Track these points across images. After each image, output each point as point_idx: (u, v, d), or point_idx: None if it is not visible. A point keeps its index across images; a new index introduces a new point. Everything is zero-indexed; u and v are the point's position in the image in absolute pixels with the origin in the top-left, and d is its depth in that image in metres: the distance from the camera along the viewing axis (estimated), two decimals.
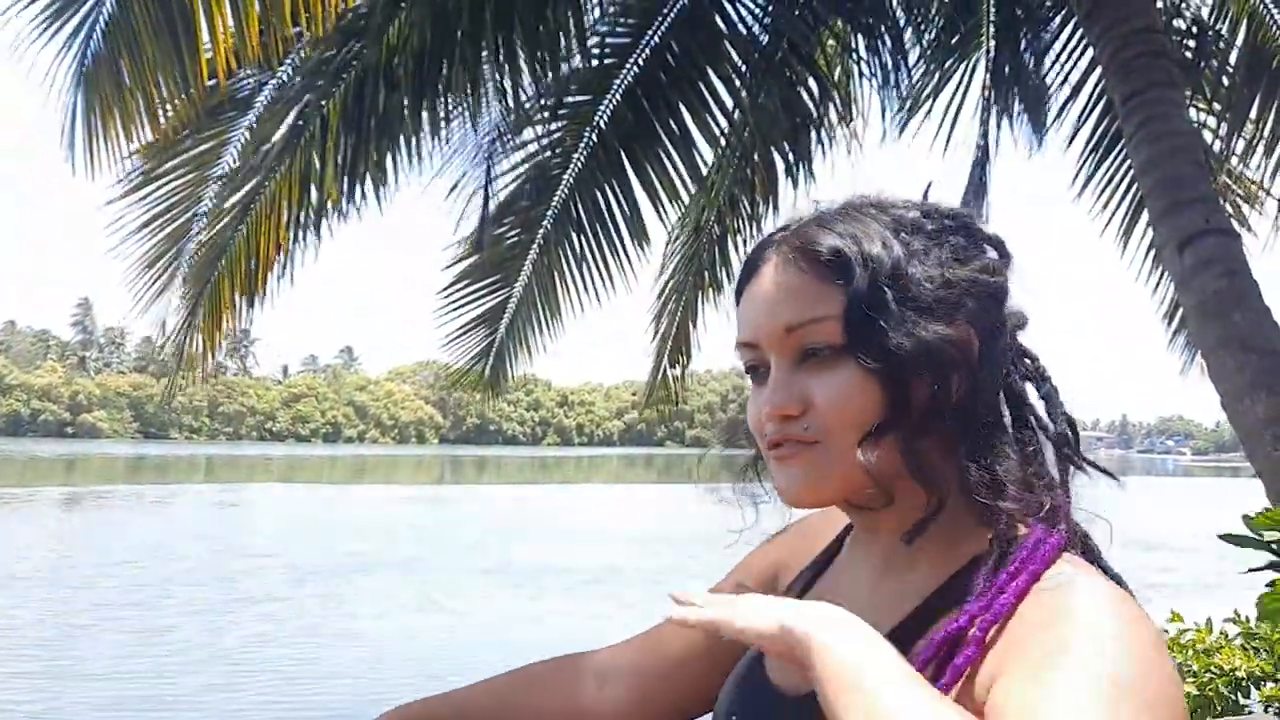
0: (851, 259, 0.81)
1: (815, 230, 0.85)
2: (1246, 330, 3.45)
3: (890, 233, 0.83)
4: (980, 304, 0.83)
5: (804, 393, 0.82)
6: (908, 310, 0.80)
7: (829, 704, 0.66)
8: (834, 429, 0.81)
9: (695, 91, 6.52)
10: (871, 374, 0.80)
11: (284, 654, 9.29)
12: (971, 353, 0.82)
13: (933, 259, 0.83)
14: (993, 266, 0.86)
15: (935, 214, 0.87)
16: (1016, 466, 0.81)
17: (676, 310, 7.39)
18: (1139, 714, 0.61)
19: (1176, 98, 4.12)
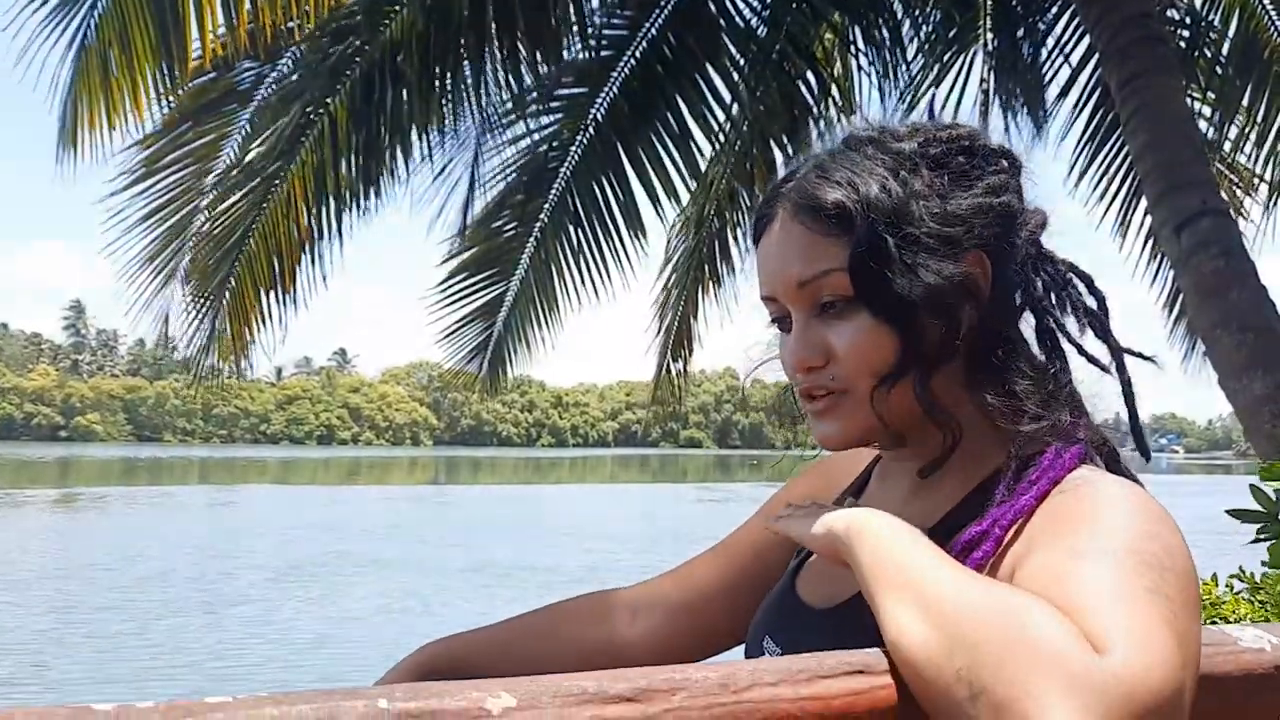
0: (852, 210, 0.82)
1: (816, 182, 0.86)
2: (1244, 309, 3.49)
3: (889, 173, 0.84)
4: (990, 226, 0.84)
5: (824, 344, 0.85)
6: (911, 254, 0.82)
7: (870, 590, 0.68)
8: (856, 377, 0.84)
9: (693, 84, 6.53)
10: (883, 321, 0.82)
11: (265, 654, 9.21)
12: (983, 281, 0.84)
13: (936, 192, 0.84)
14: (999, 184, 0.86)
15: (936, 139, 0.86)
16: (1034, 385, 0.83)
17: (678, 305, 7.38)
18: (1159, 577, 0.63)
19: (1173, 82, 4.15)
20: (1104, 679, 0.54)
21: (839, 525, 0.76)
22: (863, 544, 0.72)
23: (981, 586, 0.62)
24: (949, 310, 0.82)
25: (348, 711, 0.47)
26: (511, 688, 0.51)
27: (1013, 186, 0.87)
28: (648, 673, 0.55)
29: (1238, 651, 0.77)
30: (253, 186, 5.38)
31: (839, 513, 0.78)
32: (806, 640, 0.87)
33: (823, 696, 0.58)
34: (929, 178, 0.85)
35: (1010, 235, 0.86)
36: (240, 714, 0.45)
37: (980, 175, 0.86)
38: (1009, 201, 0.86)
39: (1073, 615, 0.59)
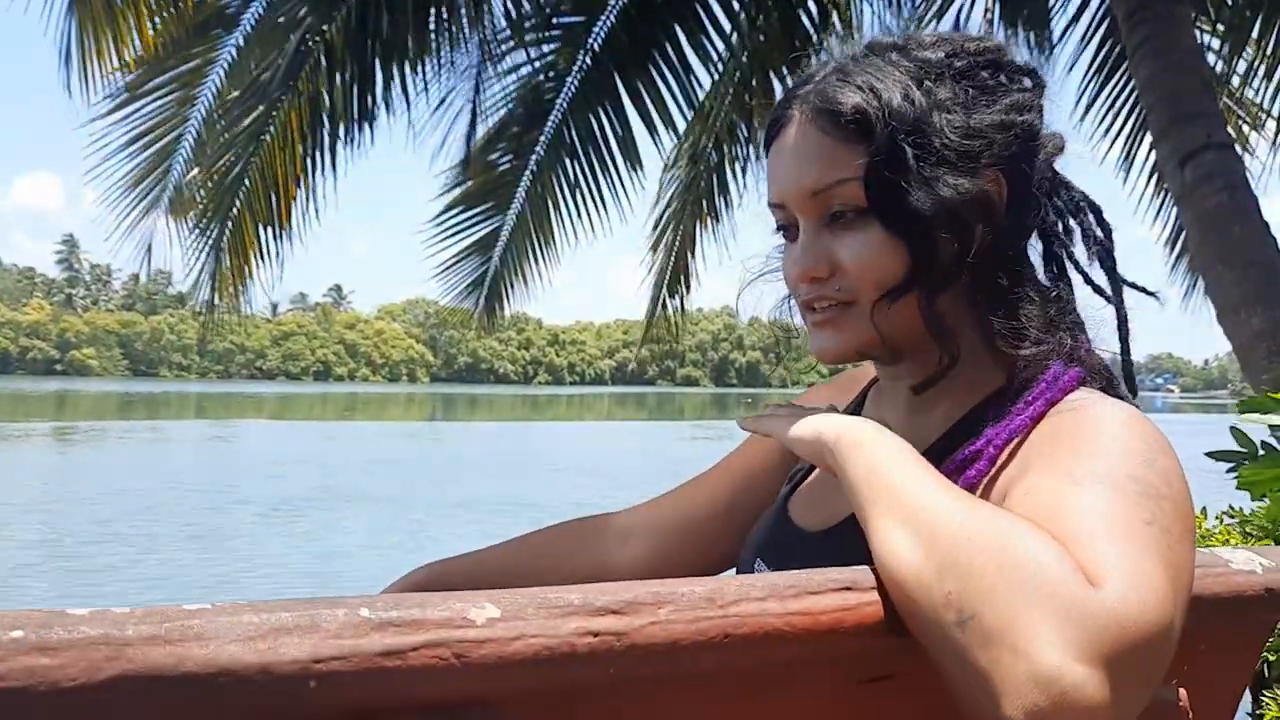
0: (872, 117, 0.80)
1: (836, 86, 0.82)
2: (1245, 244, 3.46)
3: (913, 81, 0.81)
4: (1009, 145, 0.81)
5: (831, 254, 0.83)
6: (929, 166, 0.79)
7: (860, 507, 0.68)
8: (863, 289, 0.82)
9: (692, 13, 6.40)
10: (895, 234, 0.80)
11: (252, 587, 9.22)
12: (998, 200, 0.82)
13: (959, 104, 0.81)
14: (1023, 102, 0.83)
15: (963, 51, 0.83)
16: (1039, 310, 0.82)
17: (674, 241, 7.31)
18: (1156, 507, 0.62)
19: (1181, 13, 4.07)
20: (1097, 613, 0.53)
21: (829, 433, 0.75)
22: (855, 458, 0.71)
23: (976, 509, 0.61)
24: (962, 227, 0.80)
25: (329, 619, 0.46)
26: (496, 599, 0.51)
27: (1036, 106, 0.84)
28: (634, 586, 0.54)
29: (1229, 573, 0.77)
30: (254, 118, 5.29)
31: (830, 418, 0.77)
32: (797, 563, 0.86)
33: (810, 612, 0.57)
34: (953, 89, 0.82)
35: (1029, 156, 0.83)
36: (219, 620, 0.44)
37: (1005, 92, 0.83)
38: (1031, 121, 0.83)
39: (1069, 545, 0.58)
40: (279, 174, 5.49)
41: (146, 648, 0.42)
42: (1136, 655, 0.53)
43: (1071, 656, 0.52)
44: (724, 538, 1.07)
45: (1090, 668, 0.52)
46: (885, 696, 0.63)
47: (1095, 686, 0.51)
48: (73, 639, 0.41)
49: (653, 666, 0.53)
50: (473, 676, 0.48)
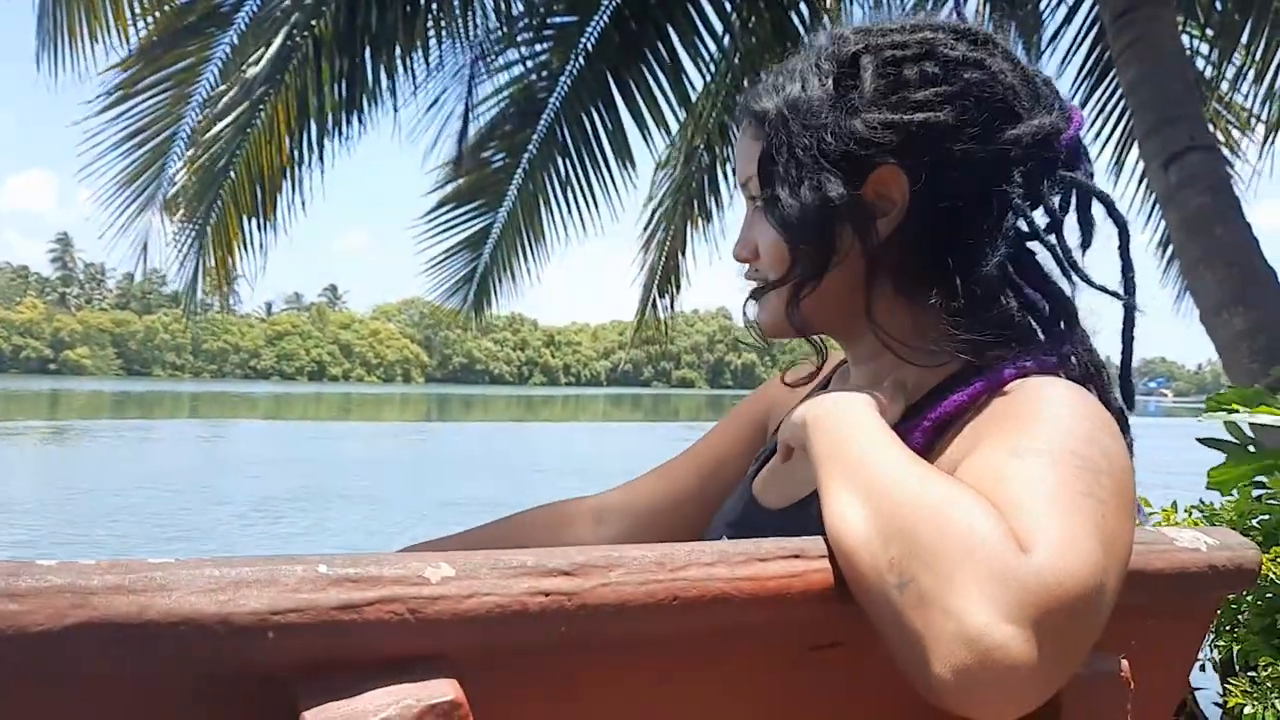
0: (770, 117, 0.86)
1: (759, 90, 0.89)
2: (1227, 245, 3.50)
3: (819, 78, 0.84)
4: (907, 142, 0.81)
5: (753, 239, 0.90)
6: (800, 168, 0.83)
7: (821, 477, 0.70)
8: (769, 273, 0.89)
9: (684, 13, 6.43)
10: (775, 228, 0.86)
11: None
12: (896, 196, 0.83)
13: (854, 103, 0.82)
14: (931, 99, 0.82)
15: (896, 44, 0.84)
16: (956, 304, 0.82)
17: (665, 240, 7.34)
18: (1094, 480, 0.64)
19: (1167, 16, 4.11)
20: (1024, 576, 0.55)
21: (809, 414, 0.78)
22: (820, 433, 0.74)
23: (926, 478, 0.63)
24: (821, 229, 0.83)
25: (288, 574, 0.48)
26: (451, 559, 0.53)
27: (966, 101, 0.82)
28: (586, 550, 0.56)
29: (1174, 550, 0.79)
30: (239, 112, 5.31)
31: (812, 403, 0.80)
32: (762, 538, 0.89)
33: (758, 578, 0.60)
34: (866, 84, 0.83)
35: (939, 152, 0.82)
36: (181, 573, 0.46)
37: (914, 88, 0.83)
38: (931, 118, 0.81)
39: (1006, 513, 0.60)
40: (264, 167, 5.52)
41: (111, 596, 0.44)
42: (1063, 617, 0.55)
43: (999, 617, 0.54)
44: (695, 519, 1.10)
45: (1016, 627, 0.53)
46: (833, 664, 0.65)
47: (1020, 645, 0.53)
48: (39, 587, 0.44)
49: (603, 626, 0.55)
50: (427, 632, 0.50)
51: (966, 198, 0.82)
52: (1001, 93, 0.84)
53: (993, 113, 0.83)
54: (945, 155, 0.82)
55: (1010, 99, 0.84)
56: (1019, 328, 0.84)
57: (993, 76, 0.84)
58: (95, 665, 0.44)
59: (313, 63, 5.23)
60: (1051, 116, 0.85)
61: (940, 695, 0.55)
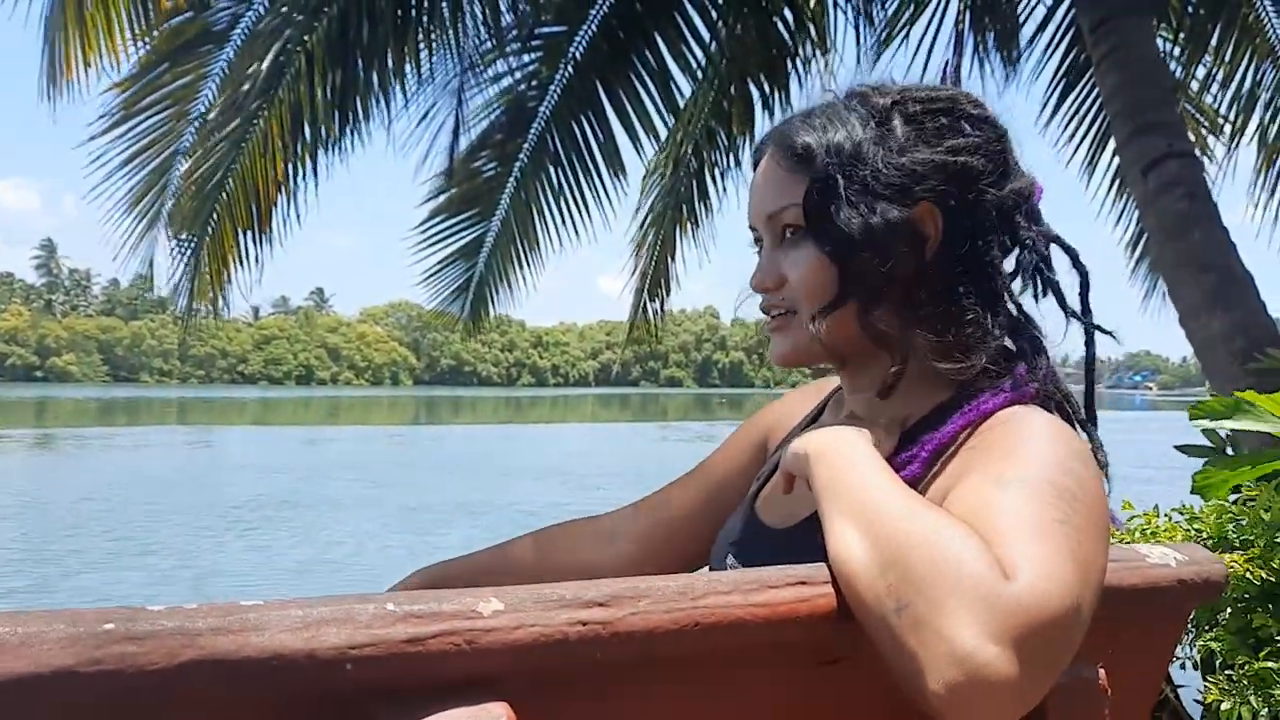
0: (816, 151, 0.92)
1: (795, 126, 0.95)
2: (1205, 249, 3.59)
3: (860, 122, 0.93)
4: (946, 183, 0.91)
5: (779, 269, 0.96)
6: (861, 194, 0.90)
7: (823, 507, 0.77)
8: (802, 301, 0.94)
9: (671, 22, 6.50)
10: (826, 253, 0.92)
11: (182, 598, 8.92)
12: (932, 231, 0.92)
13: (898, 144, 0.92)
14: (964, 146, 0.92)
15: (916, 99, 0.94)
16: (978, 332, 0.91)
17: (655, 244, 7.42)
18: (1069, 508, 0.72)
19: (1144, 25, 4.20)
20: (1008, 601, 0.62)
21: (804, 446, 0.85)
22: (821, 465, 0.81)
23: (918, 510, 0.70)
24: (884, 250, 0.90)
25: (361, 612, 0.55)
26: (500, 594, 0.60)
27: (985, 151, 0.93)
28: (617, 583, 0.63)
29: (1144, 567, 0.87)
30: (232, 127, 5.35)
31: (813, 435, 0.87)
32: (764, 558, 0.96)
33: (770, 604, 0.67)
34: (899, 130, 0.92)
35: (968, 194, 0.92)
36: (271, 614, 0.53)
37: (948, 136, 0.93)
38: (968, 162, 0.92)
39: (991, 541, 0.67)
40: (259, 180, 5.56)
41: (214, 637, 0.51)
42: (1042, 637, 0.62)
43: (985, 638, 0.61)
44: (701, 537, 1.17)
45: (1000, 647, 0.61)
46: (837, 677, 0.73)
47: (1005, 663, 0.61)
48: (154, 630, 0.50)
49: (633, 650, 0.62)
50: (481, 659, 0.57)
51: (986, 237, 0.93)
52: (1003, 150, 0.95)
53: (1000, 166, 0.94)
54: (973, 197, 0.92)
55: (1008, 157, 0.95)
56: (1003, 359, 0.92)
57: (1000, 135, 0.95)
58: (202, 696, 0.51)
59: (305, 77, 5.27)
60: (1029, 178, 0.96)
61: (935, 708, 0.62)
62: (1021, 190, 0.94)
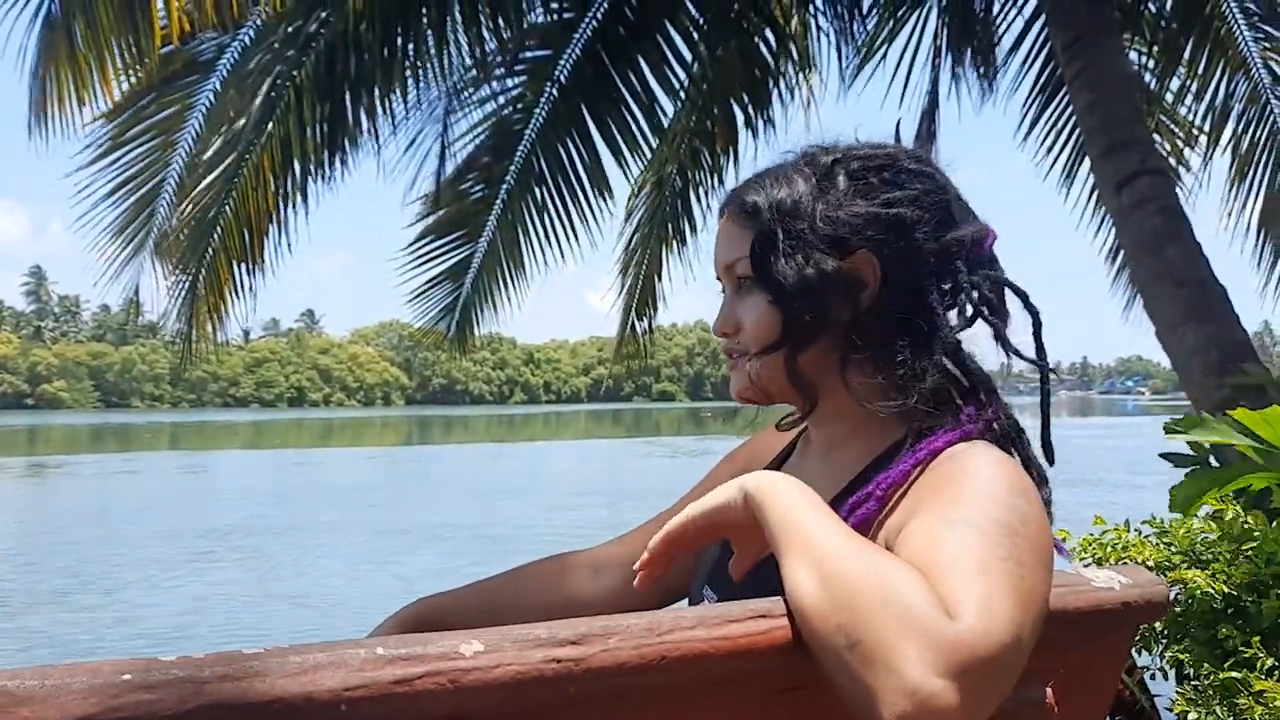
0: (761, 208, 1.01)
1: (747, 186, 1.05)
2: (1179, 264, 3.67)
3: (803, 179, 1.01)
4: (881, 234, 0.98)
5: (736, 316, 1.05)
6: (797, 246, 0.98)
7: (775, 548, 0.83)
8: (751, 344, 1.03)
9: (654, 44, 6.59)
10: (769, 301, 1.00)
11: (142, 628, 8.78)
12: (870, 278, 0.98)
13: (837, 198, 0.99)
14: (900, 198, 0.99)
15: (857, 157, 1.01)
16: (899, 374, 0.97)
17: (642, 264, 7.49)
18: (1012, 544, 0.78)
19: (1115, 43, 4.29)
20: (952, 639, 0.68)
21: (751, 486, 0.89)
22: (771, 507, 0.86)
23: (865, 553, 0.76)
24: (819, 297, 0.98)
25: (353, 657, 0.61)
26: (480, 636, 0.65)
27: (919, 202, 0.99)
28: (588, 621, 0.69)
29: (1091, 590, 0.93)
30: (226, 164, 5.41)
31: (751, 475, 0.92)
32: (735, 588, 1.02)
33: (731, 636, 0.72)
34: (842, 185, 1.00)
35: (902, 243, 0.98)
36: (271, 661, 0.59)
37: (885, 190, 1.00)
38: (902, 213, 0.98)
39: (935, 581, 0.73)
40: (252, 213, 5.62)
41: (220, 684, 0.57)
42: (984, 671, 0.68)
43: (931, 673, 0.67)
44: (681, 573, 1.22)
45: (945, 680, 0.67)
46: (795, 704, 0.78)
47: (949, 695, 0.66)
48: (165, 679, 0.56)
49: (605, 685, 0.68)
50: (464, 697, 0.63)
51: (924, 282, 0.99)
52: (945, 201, 1.02)
53: (940, 215, 1.01)
54: (908, 244, 0.99)
55: (950, 208, 1.02)
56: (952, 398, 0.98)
57: (940, 187, 1.02)
58: None
59: (294, 111, 5.34)
60: (977, 226, 1.02)
61: None
62: (963, 238, 1.00)
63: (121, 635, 8.31)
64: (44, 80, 4.52)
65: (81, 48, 4.32)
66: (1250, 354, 3.51)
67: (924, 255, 0.99)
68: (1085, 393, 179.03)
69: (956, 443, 0.93)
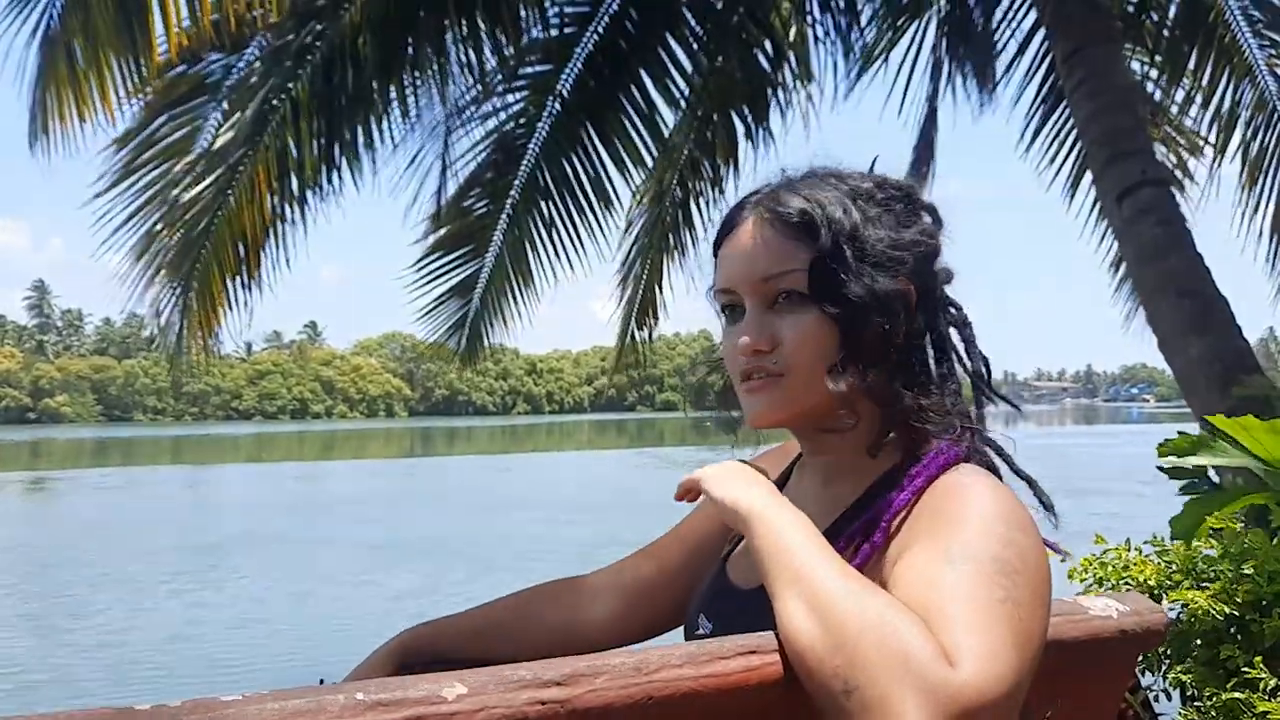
0: (817, 220, 0.97)
1: (786, 194, 1.00)
2: (1180, 275, 3.65)
3: (848, 199, 1.00)
4: (919, 262, 0.99)
5: (774, 332, 0.98)
6: (863, 265, 0.97)
7: (766, 577, 0.82)
8: (797, 364, 0.98)
9: (654, 57, 6.61)
10: (831, 318, 0.96)
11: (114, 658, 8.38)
12: (910, 303, 0.99)
13: (883, 223, 0.99)
14: (929, 230, 1.02)
15: (885, 185, 1.03)
16: (939, 396, 0.99)
17: (643, 274, 7.49)
18: (1010, 583, 0.78)
19: (1115, 53, 4.29)
20: (951, 689, 0.68)
21: (744, 505, 0.89)
22: (761, 531, 0.85)
23: (864, 594, 0.75)
24: (889, 317, 0.96)
25: (332, 703, 0.59)
26: (463, 678, 0.64)
27: (934, 234, 1.03)
28: (573, 661, 0.67)
29: (1087, 619, 0.92)
30: (218, 175, 5.41)
31: (748, 490, 0.91)
32: (734, 618, 1.01)
33: (720, 674, 0.71)
34: (878, 211, 1.00)
35: (931, 274, 1.01)
36: (249, 708, 0.57)
37: (915, 221, 1.01)
38: (931, 243, 1.01)
39: (936, 626, 0.73)
40: (246, 227, 5.61)
41: None
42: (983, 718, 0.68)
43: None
44: (681, 594, 1.21)
45: None
46: None
47: None
48: None
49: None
50: None
51: (940, 311, 1.02)
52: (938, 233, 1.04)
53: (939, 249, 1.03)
54: (932, 275, 1.01)
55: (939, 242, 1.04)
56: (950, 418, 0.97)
57: (938, 220, 1.04)
58: None
59: (290, 124, 5.34)
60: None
61: None
62: (950, 270, 1.04)
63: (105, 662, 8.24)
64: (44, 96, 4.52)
65: (81, 64, 4.33)
66: (1253, 365, 3.50)
67: (939, 285, 1.03)
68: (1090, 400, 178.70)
69: (951, 464, 0.93)
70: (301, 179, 5.58)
